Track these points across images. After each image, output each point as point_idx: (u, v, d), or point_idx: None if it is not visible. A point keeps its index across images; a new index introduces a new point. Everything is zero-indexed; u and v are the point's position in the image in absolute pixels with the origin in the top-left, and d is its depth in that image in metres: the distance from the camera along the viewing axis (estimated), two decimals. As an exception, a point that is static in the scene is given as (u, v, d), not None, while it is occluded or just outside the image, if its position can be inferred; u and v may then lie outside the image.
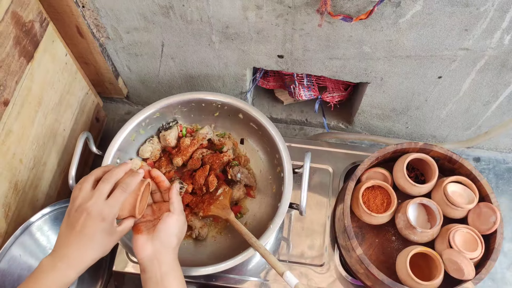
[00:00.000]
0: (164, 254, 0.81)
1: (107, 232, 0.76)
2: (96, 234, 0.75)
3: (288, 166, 1.03)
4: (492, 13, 0.85)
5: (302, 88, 1.28)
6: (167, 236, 0.82)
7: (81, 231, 0.74)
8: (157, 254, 0.80)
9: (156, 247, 0.81)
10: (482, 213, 0.98)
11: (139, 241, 0.81)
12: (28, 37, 0.94)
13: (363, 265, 0.94)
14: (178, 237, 0.84)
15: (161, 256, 0.81)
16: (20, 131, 0.96)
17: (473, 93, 1.11)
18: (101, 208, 0.75)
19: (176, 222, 0.84)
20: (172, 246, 0.83)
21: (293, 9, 0.93)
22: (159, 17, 1.03)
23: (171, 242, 0.83)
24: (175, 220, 0.84)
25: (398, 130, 1.36)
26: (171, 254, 0.82)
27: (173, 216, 0.84)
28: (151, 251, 0.81)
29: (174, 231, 0.83)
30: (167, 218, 0.83)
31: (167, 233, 0.82)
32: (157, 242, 0.81)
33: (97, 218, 0.74)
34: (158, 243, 0.81)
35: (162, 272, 0.79)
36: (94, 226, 0.74)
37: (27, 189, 1.02)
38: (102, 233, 0.75)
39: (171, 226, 0.83)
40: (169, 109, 1.13)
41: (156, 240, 0.81)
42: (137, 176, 0.81)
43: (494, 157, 1.38)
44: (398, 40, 0.96)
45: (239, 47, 1.09)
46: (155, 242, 0.81)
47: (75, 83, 1.15)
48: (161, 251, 0.81)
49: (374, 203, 1.02)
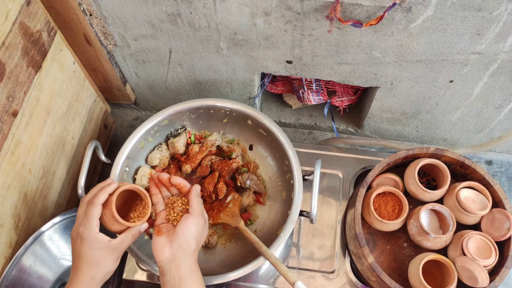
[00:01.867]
0: (183, 258, 0.80)
1: (97, 249, 0.77)
2: (86, 254, 0.77)
3: (298, 173, 1.02)
4: (506, 17, 0.83)
5: (311, 93, 1.26)
6: (185, 239, 0.81)
7: (74, 255, 0.79)
8: (175, 257, 0.80)
9: (174, 250, 0.80)
10: (496, 219, 0.97)
11: (158, 243, 0.81)
12: (36, 47, 0.93)
13: (375, 273, 0.93)
14: (197, 240, 0.83)
15: (179, 259, 0.80)
16: (29, 141, 0.96)
17: (485, 97, 1.09)
18: (77, 229, 0.78)
19: (194, 225, 0.83)
20: (191, 249, 0.81)
21: (302, 15, 0.92)
22: (167, 24, 1.02)
23: (190, 245, 0.81)
24: (194, 223, 0.83)
25: (408, 133, 1.34)
26: (190, 257, 0.81)
27: (192, 218, 0.83)
28: (169, 254, 0.80)
29: (193, 233, 0.82)
30: (185, 220, 0.83)
31: (185, 235, 0.81)
32: (175, 245, 0.80)
33: (77, 240, 0.78)
34: (176, 246, 0.80)
35: (181, 275, 0.78)
36: (80, 248, 0.77)
37: (36, 199, 1.02)
38: (91, 251, 0.77)
39: (190, 229, 0.82)
40: (177, 116, 1.12)
41: (174, 243, 0.80)
42: (104, 188, 0.81)
43: (507, 160, 1.36)
44: (408, 45, 0.95)
45: (247, 53, 1.08)
46: (173, 244, 0.80)
47: (83, 90, 1.15)
48: (179, 254, 0.80)
49: (385, 210, 1.01)
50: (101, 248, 0.78)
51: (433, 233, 0.95)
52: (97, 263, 0.78)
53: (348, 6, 0.86)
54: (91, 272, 0.78)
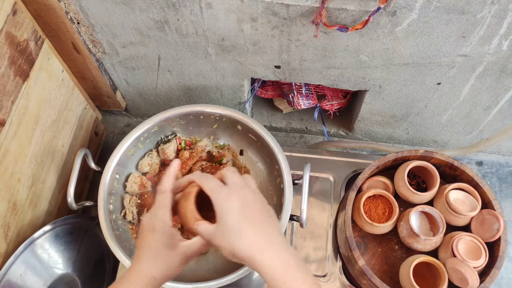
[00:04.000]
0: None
1: (164, 245, 0.67)
2: (150, 247, 0.68)
3: (288, 178, 1.03)
4: (489, 19, 0.84)
5: (300, 97, 1.27)
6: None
7: (139, 244, 0.69)
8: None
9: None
10: (485, 220, 0.97)
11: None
12: (23, 56, 0.93)
13: (366, 276, 0.93)
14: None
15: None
16: (17, 150, 0.95)
17: (473, 99, 1.10)
18: (150, 218, 0.68)
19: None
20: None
21: (288, 21, 0.92)
22: (155, 31, 1.03)
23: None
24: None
25: (399, 136, 1.35)
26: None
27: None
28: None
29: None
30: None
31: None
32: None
33: (148, 229, 0.68)
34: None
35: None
36: (148, 238, 0.68)
37: (26, 208, 1.01)
38: (158, 245, 0.67)
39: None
40: (167, 122, 1.12)
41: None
42: (169, 170, 0.71)
43: (497, 160, 1.36)
44: (395, 48, 0.96)
45: (236, 58, 1.08)
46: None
47: (73, 98, 1.15)
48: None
49: (375, 213, 1.02)
50: (170, 245, 0.68)
51: (423, 235, 0.95)
52: (163, 262, 0.68)
53: (334, 11, 0.86)
54: (155, 271, 0.67)
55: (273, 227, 0.65)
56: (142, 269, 0.68)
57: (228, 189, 0.66)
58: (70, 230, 1.11)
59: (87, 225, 1.15)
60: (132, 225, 1.09)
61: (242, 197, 0.65)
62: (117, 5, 0.96)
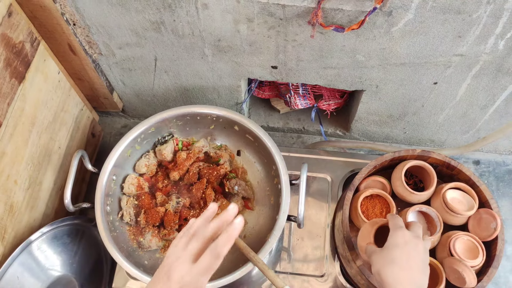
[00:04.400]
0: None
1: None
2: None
3: (285, 178, 1.03)
4: (485, 19, 0.84)
5: (297, 97, 1.27)
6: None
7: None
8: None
9: None
10: (483, 219, 0.97)
11: None
12: (19, 58, 0.93)
13: (364, 276, 0.93)
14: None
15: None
16: (14, 152, 0.95)
17: (469, 98, 1.10)
18: (184, 274, 0.61)
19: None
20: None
21: (284, 21, 0.92)
22: (151, 32, 1.02)
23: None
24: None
25: (396, 135, 1.35)
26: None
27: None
28: None
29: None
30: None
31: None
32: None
33: (175, 286, 0.61)
34: None
35: None
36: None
37: (23, 210, 1.01)
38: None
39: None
40: (164, 123, 1.12)
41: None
42: (232, 232, 0.63)
43: (494, 159, 1.36)
44: (391, 48, 0.96)
45: (232, 59, 1.08)
46: None
47: (69, 100, 1.15)
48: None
49: (373, 212, 1.02)
50: None
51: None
52: None
53: (330, 11, 0.86)
54: None
55: (422, 280, 0.76)
56: None
57: (405, 231, 0.80)
58: (68, 232, 1.11)
59: (85, 226, 1.15)
60: (129, 226, 1.09)
61: (413, 244, 0.78)
62: (113, 6, 0.96)
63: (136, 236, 1.07)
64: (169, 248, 0.66)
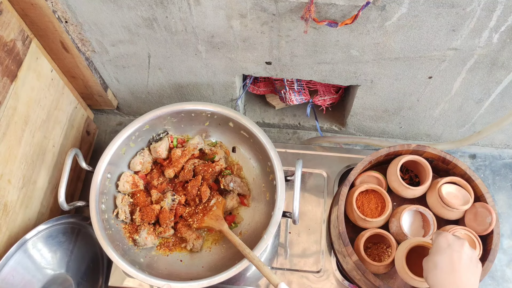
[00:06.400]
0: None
1: None
2: None
3: (280, 174, 1.02)
4: (479, 12, 0.83)
5: (292, 93, 1.26)
6: None
7: None
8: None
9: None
10: (478, 213, 0.97)
11: None
12: (11, 56, 0.92)
13: (360, 271, 0.93)
14: None
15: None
16: (7, 152, 0.95)
17: (465, 92, 1.09)
18: None
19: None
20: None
21: (277, 17, 0.91)
22: (144, 29, 1.02)
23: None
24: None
25: (392, 130, 1.34)
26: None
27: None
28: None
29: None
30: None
31: None
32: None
33: None
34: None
35: None
36: None
37: (17, 209, 1.01)
38: None
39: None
40: (158, 120, 1.12)
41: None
42: None
43: (490, 153, 1.36)
44: (385, 43, 0.95)
45: (226, 55, 1.08)
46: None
47: (63, 98, 1.14)
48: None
49: (368, 208, 1.01)
50: None
51: (411, 235, 0.95)
52: None
53: (323, 6, 0.86)
54: None
55: (469, 280, 0.76)
56: None
57: (448, 234, 0.80)
58: (63, 230, 1.10)
59: (80, 225, 1.14)
60: (124, 224, 1.08)
61: (457, 246, 0.77)
62: (105, 3, 0.95)
63: (131, 234, 1.07)
64: None
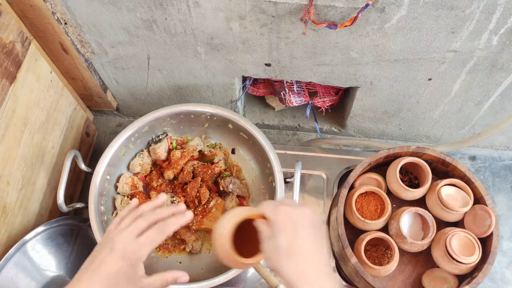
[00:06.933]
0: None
1: (126, 278, 0.64)
2: (112, 275, 0.63)
3: (279, 176, 1.02)
4: (478, 15, 0.83)
5: (292, 94, 1.26)
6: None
7: (98, 266, 0.64)
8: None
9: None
10: (478, 215, 0.97)
11: None
12: (10, 58, 0.92)
13: (359, 274, 0.93)
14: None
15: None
16: (6, 153, 0.94)
17: (464, 94, 1.09)
18: (126, 244, 0.64)
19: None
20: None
21: (277, 18, 0.91)
22: (143, 30, 1.02)
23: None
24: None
25: (391, 132, 1.34)
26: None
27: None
28: None
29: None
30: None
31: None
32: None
33: (117, 254, 0.64)
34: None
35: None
36: (112, 264, 0.63)
37: (16, 211, 1.01)
38: (119, 275, 0.63)
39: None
40: (158, 122, 1.12)
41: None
42: (182, 218, 0.70)
43: (490, 155, 1.36)
44: (385, 45, 0.95)
45: (226, 57, 1.07)
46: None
47: (62, 99, 1.14)
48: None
49: (367, 210, 1.01)
50: (133, 281, 0.65)
51: (411, 238, 0.95)
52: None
53: (322, 8, 0.86)
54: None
55: (323, 256, 0.65)
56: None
57: (282, 206, 0.66)
58: (62, 232, 1.10)
59: (79, 227, 1.14)
60: (124, 226, 1.08)
61: (299, 218, 0.65)
62: (104, 5, 0.95)
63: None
64: (109, 226, 0.70)
